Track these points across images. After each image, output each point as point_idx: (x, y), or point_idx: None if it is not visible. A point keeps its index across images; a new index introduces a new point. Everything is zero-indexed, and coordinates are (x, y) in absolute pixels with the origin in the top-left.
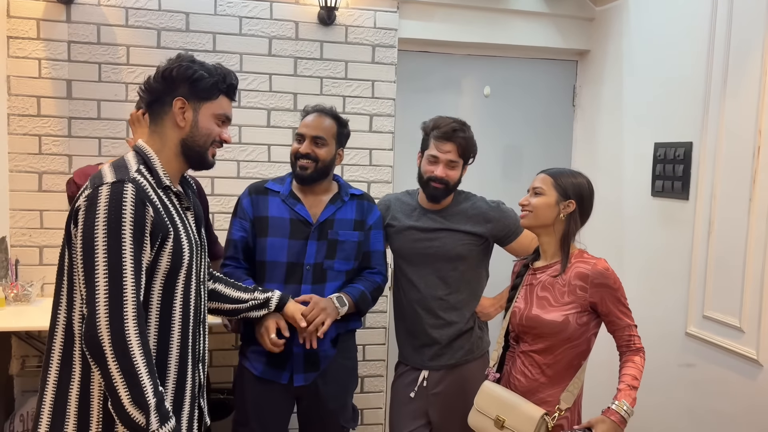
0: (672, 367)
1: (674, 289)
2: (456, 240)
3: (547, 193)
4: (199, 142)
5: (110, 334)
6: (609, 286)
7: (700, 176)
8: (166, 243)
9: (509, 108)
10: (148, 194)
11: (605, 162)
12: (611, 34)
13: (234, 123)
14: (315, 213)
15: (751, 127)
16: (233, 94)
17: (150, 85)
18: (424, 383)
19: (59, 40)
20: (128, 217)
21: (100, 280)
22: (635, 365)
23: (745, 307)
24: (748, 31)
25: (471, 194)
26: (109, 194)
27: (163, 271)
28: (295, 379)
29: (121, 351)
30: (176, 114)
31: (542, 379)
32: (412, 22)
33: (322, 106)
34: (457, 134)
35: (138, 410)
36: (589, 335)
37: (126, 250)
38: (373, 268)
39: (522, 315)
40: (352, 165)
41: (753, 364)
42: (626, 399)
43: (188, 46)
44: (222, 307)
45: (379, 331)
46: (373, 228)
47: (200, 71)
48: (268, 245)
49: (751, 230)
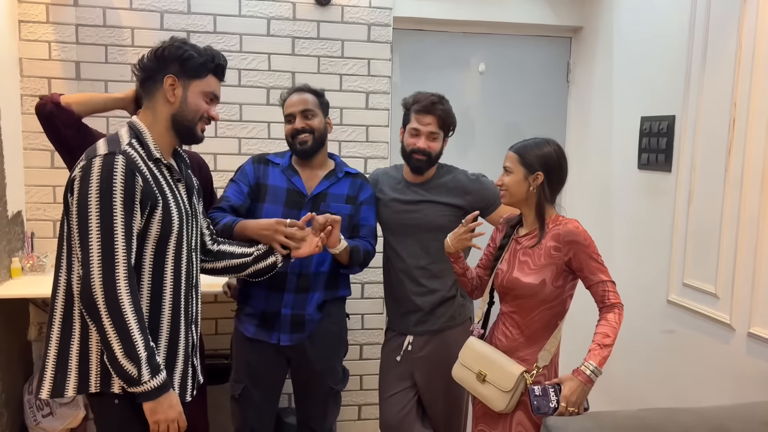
0: (654, 333)
1: (657, 259)
2: (437, 211)
3: (514, 171)
4: (188, 117)
5: (103, 293)
6: (579, 242)
7: (681, 149)
8: (155, 211)
9: (504, 85)
10: (138, 165)
11: (596, 136)
12: (602, 11)
13: (235, 101)
14: (310, 186)
15: (727, 100)
16: (221, 74)
17: (143, 63)
18: (408, 348)
19: (67, 23)
20: (119, 186)
21: (94, 244)
22: (608, 323)
23: (720, 274)
24: (726, 7)
25: (453, 167)
26: (101, 165)
27: (154, 238)
28: (282, 339)
29: (113, 308)
30: (167, 90)
31: (521, 339)
32: (406, 1)
33: (296, 86)
34: (437, 107)
35: (130, 363)
36: (564, 297)
37: (117, 216)
38: (364, 237)
39: (504, 277)
40: (349, 141)
41: (726, 328)
42: (594, 359)
43: (190, 27)
44: (231, 263)
45: (377, 301)
46: (365, 204)
47: (190, 51)
48: (264, 211)
49: (726, 201)
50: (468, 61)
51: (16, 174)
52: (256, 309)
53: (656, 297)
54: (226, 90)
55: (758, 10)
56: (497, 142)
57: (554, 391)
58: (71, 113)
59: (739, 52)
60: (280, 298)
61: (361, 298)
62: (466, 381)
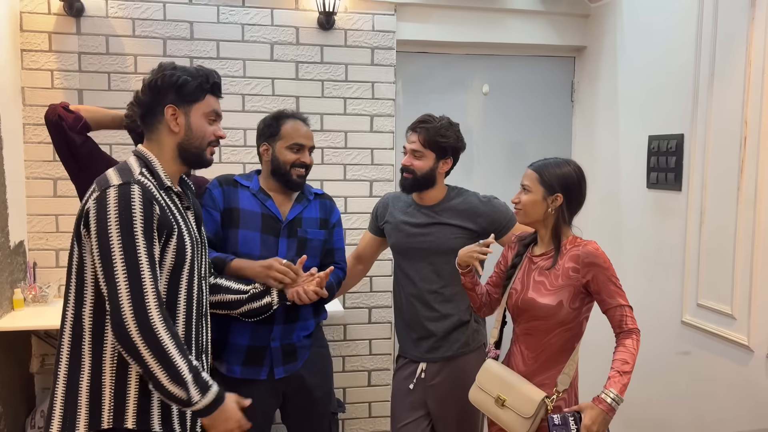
0: (669, 355)
1: (670, 279)
2: (448, 234)
3: (533, 190)
4: (195, 143)
5: (137, 326)
6: (599, 264)
7: (691, 167)
8: (170, 240)
9: (508, 105)
10: (153, 194)
11: (603, 155)
12: (606, 30)
13: (239, 126)
14: (284, 211)
15: (738, 118)
16: (219, 91)
17: (139, 99)
18: (422, 375)
19: (70, 51)
20: (138, 216)
21: (120, 276)
22: (626, 349)
23: (735, 294)
24: (733, 25)
25: (464, 190)
26: (117, 195)
27: (168, 267)
28: (276, 372)
29: (149, 338)
30: (169, 121)
31: (537, 362)
32: (409, 24)
33: (299, 114)
34: (421, 125)
35: (178, 387)
36: (581, 319)
37: (140, 245)
38: (338, 263)
39: (518, 297)
40: (355, 164)
41: (745, 350)
42: (614, 387)
43: (193, 53)
44: (225, 298)
45: (385, 326)
46: (336, 226)
47: (183, 76)
48: (240, 238)
49: (739, 219)
50: (472, 82)
51: (18, 203)
52: (240, 344)
53: (670, 318)
54: (230, 115)
55: (766, 27)
56: (502, 162)
57: (574, 420)
58: (79, 117)
59: (748, 68)
60: (269, 331)
61: (368, 323)
62: (484, 405)
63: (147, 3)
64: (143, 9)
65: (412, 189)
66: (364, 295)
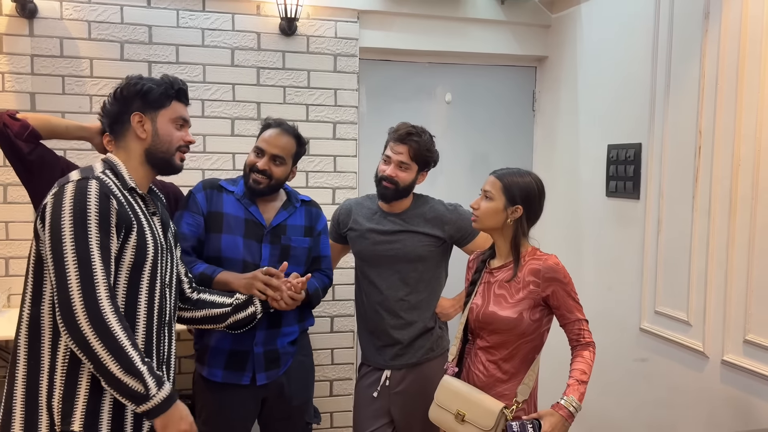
0: (627, 361)
1: (629, 286)
2: (416, 241)
3: (495, 198)
4: (162, 148)
5: (87, 317)
6: (559, 280)
7: (649, 176)
8: (130, 235)
9: (471, 114)
10: (112, 190)
11: (563, 164)
12: (566, 41)
13: (198, 132)
14: (268, 217)
15: (692, 128)
16: (185, 98)
17: (107, 109)
18: (386, 383)
19: (22, 53)
20: (93, 208)
21: (71, 269)
22: (584, 360)
23: (691, 301)
24: (687, 37)
25: (429, 198)
26: (74, 190)
27: (128, 265)
28: (258, 378)
29: (101, 330)
30: (136, 128)
31: (499, 373)
32: (372, 32)
33: (285, 123)
34: (411, 137)
35: (134, 379)
36: (542, 330)
37: (92, 238)
38: (323, 271)
39: (479, 312)
40: (317, 171)
41: (700, 356)
42: (574, 394)
43: (151, 58)
44: (210, 313)
45: (347, 335)
46: (322, 233)
47: (148, 84)
48: (223, 242)
49: (694, 227)
50: (434, 90)
51: None
52: (222, 347)
53: (628, 325)
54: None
55: (719, 39)
56: (465, 171)
57: (533, 426)
58: (26, 125)
59: (702, 80)
60: (251, 337)
61: (330, 332)
62: (444, 423)
63: (103, 5)
64: (99, 11)
65: (392, 199)
66: (326, 303)
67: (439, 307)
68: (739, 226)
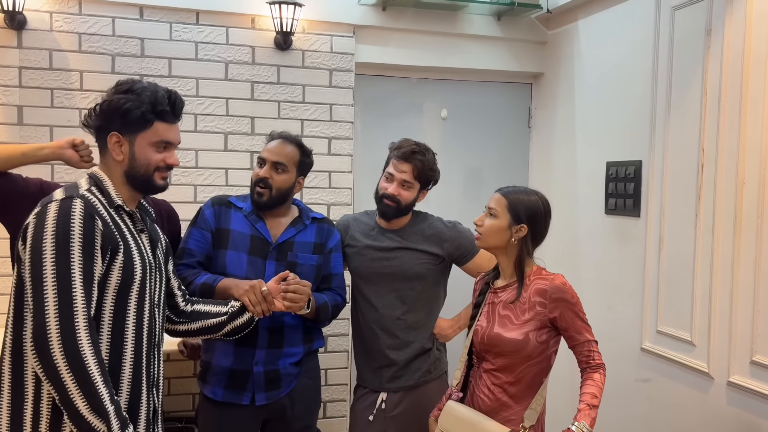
0: (629, 382)
1: (629, 305)
2: (414, 259)
3: (500, 216)
4: (140, 171)
5: (62, 345)
6: (567, 300)
7: (649, 194)
8: (116, 256)
9: (467, 130)
10: (98, 209)
11: (560, 181)
12: (563, 58)
13: (191, 147)
14: (275, 234)
15: (695, 146)
16: (169, 116)
17: (90, 121)
18: (382, 406)
19: (10, 66)
20: (77, 230)
21: (49, 292)
22: (595, 383)
23: (695, 321)
24: (689, 54)
25: (428, 215)
26: (57, 209)
27: (114, 287)
28: (257, 398)
29: (74, 361)
30: (112, 149)
31: (505, 397)
32: (368, 47)
33: (288, 133)
34: (415, 156)
35: (98, 418)
36: (549, 353)
37: (74, 261)
38: (334, 289)
39: (484, 334)
40: (312, 188)
41: (704, 377)
42: (585, 419)
43: (143, 71)
44: (207, 323)
45: (341, 355)
46: (333, 251)
47: (129, 102)
48: (228, 258)
49: (698, 246)
50: (430, 106)
51: None
52: (223, 366)
53: (629, 345)
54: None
55: (722, 56)
56: (460, 187)
57: None
58: None
59: (705, 97)
60: (251, 355)
61: (324, 352)
62: None
63: (95, 17)
64: (90, 23)
65: (393, 217)
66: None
67: (437, 328)
68: (744, 244)
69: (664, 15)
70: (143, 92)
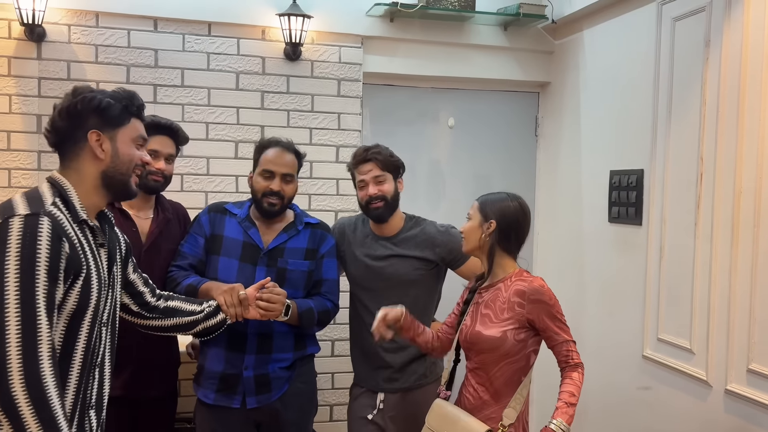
0: (630, 389)
1: (631, 313)
2: (407, 266)
3: (473, 218)
4: (121, 169)
5: (24, 380)
6: (544, 302)
7: (651, 202)
8: (77, 282)
9: (474, 139)
10: (65, 229)
11: (566, 190)
12: (569, 67)
13: (202, 155)
14: (267, 240)
15: (694, 155)
16: (142, 114)
17: (55, 124)
18: (380, 405)
19: (30, 76)
20: (43, 254)
21: (11, 321)
22: (573, 382)
23: (694, 328)
24: (688, 64)
25: (421, 219)
26: (22, 227)
27: (68, 312)
28: (248, 401)
29: (37, 398)
30: (94, 147)
31: (486, 396)
32: (376, 57)
33: (281, 140)
34: (370, 152)
35: None
36: (527, 352)
37: (39, 288)
38: (324, 295)
39: (467, 332)
40: (320, 195)
41: (703, 385)
42: (563, 417)
43: (157, 81)
44: (181, 321)
45: (347, 359)
46: (326, 257)
47: (106, 99)
48: (220, 264)
49: (697, 254)
50: (437, 115)
51: None
52: (215, 370)
53: (631, 352)
54: (193, 144)
55: (720, 67)
56: (467, 195)
57: None
58: None
59: (704, 108)
60: (241, 360)
61: (331, 356)
62: None
63: (111, 29)
64: (107, 35)
65: (388, 216)
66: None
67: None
68: (741, 253)
69: (665, 26)
70: (113, 92)
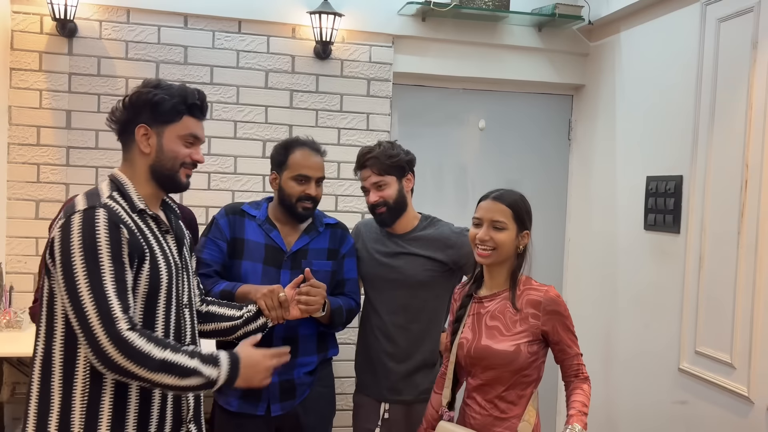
0: (665, 403)
1: (667, 324)
2: (417, 265)
3: (509, 228)
4: (167, 165)
5: (120, 352)
6: (560, 313)
7: (690, 210)
8: (143, 265)
9: (505, 141)
10: (121, 217)
11: (600, 195)
12: (605, 70)
13: (230, 153)
14: (289, 242)
15: (739, 161)
16: (199, 112)
17: (116, 115)
18: (386, 416)
19: (60, 72)
20: (103, 240)
21: (88, 305)
22: (584, 393)
23: (735, 342)
24: (734, 67)
25: (438, 220)
26: (81, 221)
27: (142, 295)
28: (272, 409)
29: (139, 358)
30: (140, 141)
31: (496, 412)
32: (407, 57)
33: (307, 141)
34: (366, 158)
35: (193, 378)
36: (538, 363)
37: (105, 271)
38: (347, 294)
39: (470, 346)
40: (347, 196)
41: (744, 401)
42: (578, 422)
43: (186, 78)
44: (220, 326)
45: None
46: (347, 256)
47: (161, 94)
48: (243, 268)
49: (740, 265)
50: (468, 117)
51: None
52: None
53: (667, 365)
54: (221, 142)
55: None
56: None
57: None
58: None
59: (750, 111)
60: None
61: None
62: None
63: (141, 26)
64: (137, 32)
65: (392, 221)
66: (351, 330)
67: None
68: None
69: (709, 27)
70: (172, 87)
